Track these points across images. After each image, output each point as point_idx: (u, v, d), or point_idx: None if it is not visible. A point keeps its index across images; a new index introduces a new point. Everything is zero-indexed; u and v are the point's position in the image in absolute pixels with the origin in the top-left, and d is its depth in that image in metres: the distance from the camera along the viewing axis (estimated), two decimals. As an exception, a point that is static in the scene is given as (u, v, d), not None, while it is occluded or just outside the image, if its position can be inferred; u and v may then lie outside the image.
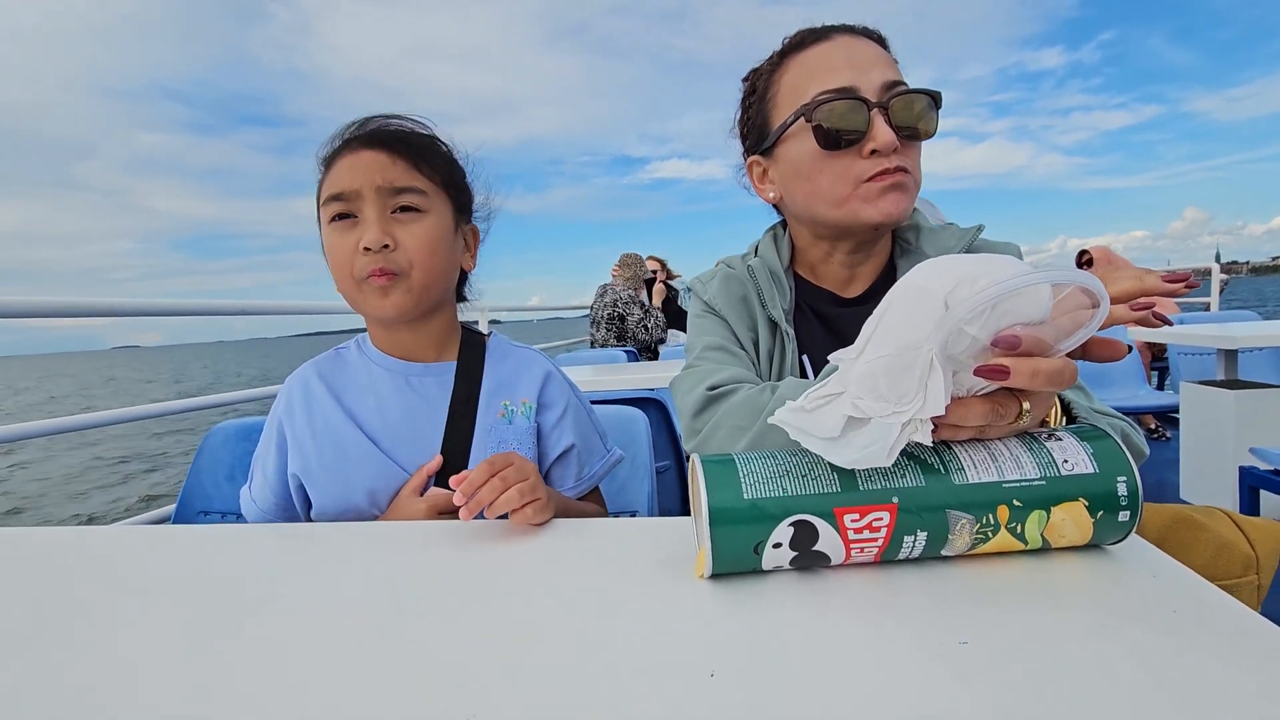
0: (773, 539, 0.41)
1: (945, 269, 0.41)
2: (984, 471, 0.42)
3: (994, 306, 0.38)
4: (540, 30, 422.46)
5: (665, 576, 0.44)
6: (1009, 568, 0.43)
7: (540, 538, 0.55)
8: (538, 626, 0.39)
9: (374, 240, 0.71)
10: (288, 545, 0.58)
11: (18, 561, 0.55)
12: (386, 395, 0.79)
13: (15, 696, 0.34)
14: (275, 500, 0.78)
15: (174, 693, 0.34)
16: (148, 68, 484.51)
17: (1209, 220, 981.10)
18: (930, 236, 0.75)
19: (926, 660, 0.33)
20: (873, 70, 0.67)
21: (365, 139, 0.76)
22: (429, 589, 0.45)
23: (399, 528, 0.60)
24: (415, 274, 0.74)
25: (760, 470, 0.43)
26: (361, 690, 0.33)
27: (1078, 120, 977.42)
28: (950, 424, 0.41)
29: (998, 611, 0.37)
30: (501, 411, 0.80)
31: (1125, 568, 0.42)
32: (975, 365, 0.39)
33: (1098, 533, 0.42)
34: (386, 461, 0.76)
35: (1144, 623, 0.35)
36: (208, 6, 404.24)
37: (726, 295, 0.80)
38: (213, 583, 0.48)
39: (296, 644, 0.38)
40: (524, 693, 0.32)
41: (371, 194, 0.72)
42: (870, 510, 0.41)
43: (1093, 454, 0.42)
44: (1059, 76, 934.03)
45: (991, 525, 0.41)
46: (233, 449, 1.07)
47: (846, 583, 0.42)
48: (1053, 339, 0.40)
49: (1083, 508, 0.41)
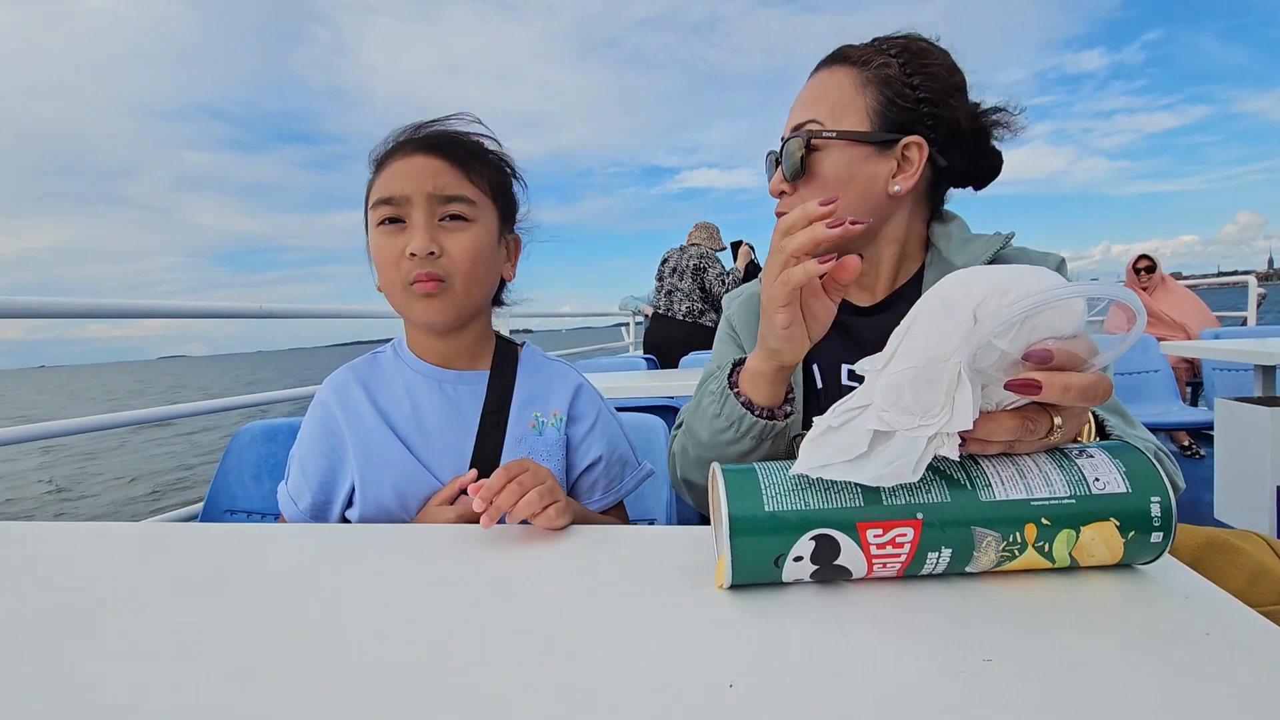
0: (794, 552, 0.41)
1: (974, 281, 0.40)
2: (1012, 488, 0.41)
3: (1025, 320, 0.38)
4: (572, 46, 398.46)
5: (684, 586, 0.44)
6: (1035, 585, 0.42)
7: (559, 545, 0.55)
8: (556, 634, 0.39)
9: (421, 247, 0.72)
10: (310, 545, 0.58)
11: (44, 556, 0.56)
12: (421, 400, 0.80)
13: (39, 690, 0.35)
14: (311, 499, 0.79)
15: (196, 688, 0.34)
16: (193, 89, 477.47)
17: (1264, 224, 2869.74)
18: (960, 247, 0.74)
19: (949, 678, 0.32)
20: (792, 116, 0.75)
21: (419, 143, 0.77)
22: (448, 593, 0.46)
23: (420, 530, 0.61)
24: (459, 282, 0.75)
25: (782, 482, 0.42)
26: (379, 692, 0.33)
27: (1121, 123, 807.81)
28: (978, 438, 0.40)
29: (1023, 629, 0.36)
30: (532, 423, 0.81)
31: (1157, 588, 0.41)
32: (1005, 379, 0.38)
33: (1129, 553, 0.41)
34: (418, 466, 0.76)
35: (1176, 645, 0.34)
36: (252, 29, 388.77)
37: (746, 313, 0.86)
38: (237, 580, 0.49)
39: (315, 643, 0.39)
40: (540, 700, 0.32)
41: (421, 200, 0.74)
42: (894, 526, 0.40)
43: (1125, 472, 0.41)
44: (1101, 79, 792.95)
45: (1018, 544, 0.40)
46: (259, 449, 1.09)
47: (868, 596, 0.41)
48: (1086, 353, 0.39)
49: (1113, 528, 0.40)
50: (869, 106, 0.71)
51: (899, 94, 0.71)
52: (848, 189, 0.72)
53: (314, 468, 0.79)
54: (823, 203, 0.54)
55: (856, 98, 0.71)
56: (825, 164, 0.72)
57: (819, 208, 0.54)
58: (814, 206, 0.54)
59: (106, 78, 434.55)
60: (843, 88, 0.72)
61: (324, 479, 0.79)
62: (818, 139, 0.72)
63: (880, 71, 0.71)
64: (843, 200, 0.69)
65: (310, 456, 0.80)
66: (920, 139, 0.71)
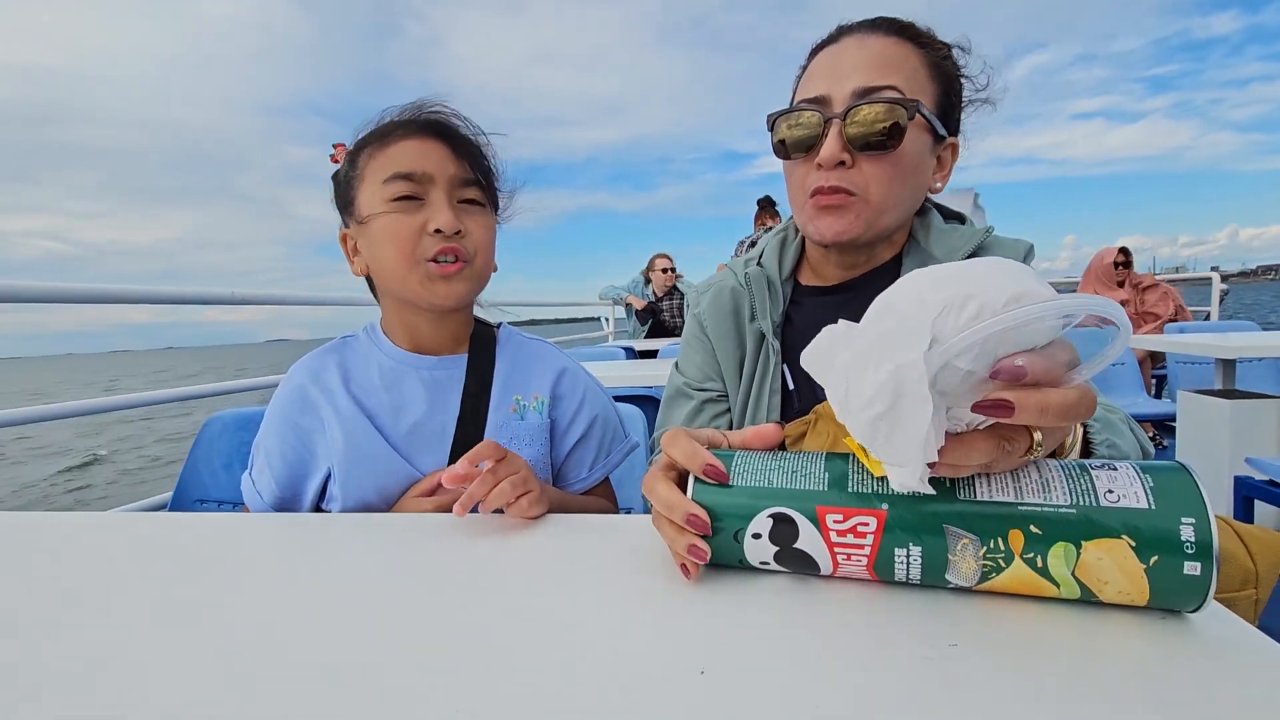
0: (751, 528, 0.41)
1: (930, 291, 0.34)
2: (998, 490, 0.37)
3: (989, 337, 0.33)
4: (654, 30, 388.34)
5: (658, 576, 0.45)
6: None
7: (534, 534, 0.55)
8: (528, 622, 0.39)
9: (448, 224, 0.72)
10: (281, 534, 0.58)
11: (12, 546, 0.55)
12: (399, 388, 0.79)
13: (6, 682, 0.34)
14: (278, 493, 0.77)
15: (166, 680, 0.34)
16: (300, 87, 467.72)
17: None
18: (940, 236, 0.72)
19: (915, 662, 0.33)
20: (852, 76, 0.64)
21: (429, 127, 0.76)
22: (419, 583, 0.45)
23: (393, 519, 0.60)
24: (479, 263, 0.76)
25: (753, 463, 0.43)
26: (349, 681, 0.33)
27: (1256, 92, 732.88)
28: (948, 464, 0.35)
29: (988, 615, 0.37)
30: (513, 407, 0.80)
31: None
32: (973, 400, 0.34)
33: (1156, 584, 0.35)
34: (395, 456, 0.75)
35: (1136, 629, 0.35)
36: (351, 27, 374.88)
37: (716, 309, 0.81)
38: (206, 570, 0.49)
39: (286, 633, 0.38)
40: (512, 688, 0.32)
41: (444, 180, 0.74)
42: (856, 514, 0.39)
43: (1152, 487, 0.35)
44: (1233, 44, 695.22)
45: (1001, 552, 0.36)
46: (230, 438, 1.07)
47: (839, 594, 0.42)
48: (1067, 363, 0.34)
49: (1127, 548, 0.34)
50: (936, 95, 0.66)
51: (954, 90, 0.69)
52: (915, 177, 0.66)
53: (280, 461, 0.77)
54: (690, 519, 0.42)
55: (929, 83, 0.66)
56: (913, 143, 0.64)
57: (693, 534, 0.42)
58: (688, 515, 0.42)
59: (225, 77, 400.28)
60: (914, 65, 0.65)
61: (293, 473, 0.77)
62: (918, 112, 0.63)
63: (943, 63, 0.67)
64: (905, 188, 0.66)
65: (277, 448, 0.77)
66: (957, 141, 0.71)
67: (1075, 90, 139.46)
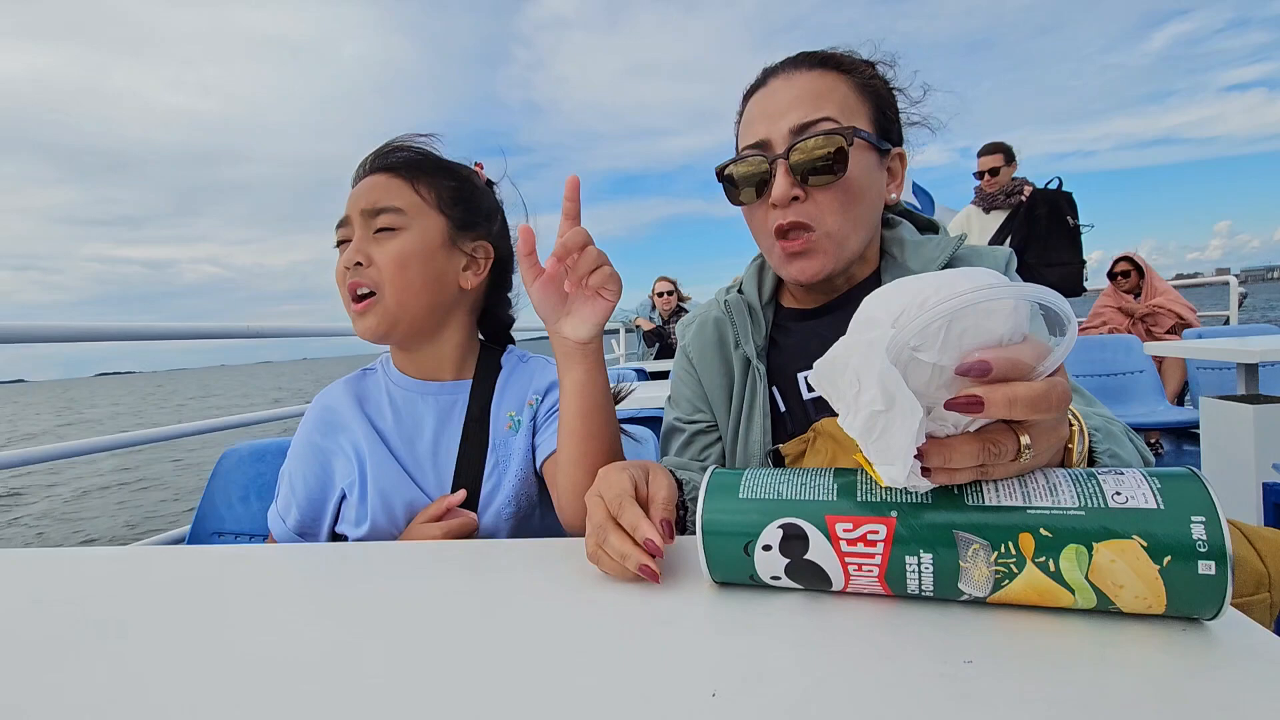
0: (762, 539, 0.41)
1: (894, 294, 0.37)
2: (1005, 495, 0.37)
3: (947, 328, 0.35)
4: (751, 34, 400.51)
5: (667, 595, 0.44)
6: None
7: (543, 554, 0.55)
8: (541, 644, 0.39)
9: (348, 258, 0.75)
10: (297, 565, 0.58)
11: (33, 581, 0.56)
12: (405, 414, 0.81)
13: (28, 715, 0.35)
14: (299, 516, 0.79)
15: (186, 714, 0.34)
16: (417, 115, 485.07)
17: None
18: (915, 249, 0.73)
19: (930, 680, 0.32)
20: (788, 115, 0.66)
21: (369, 164, 0.79)
22: (433, 608, 0.46)
23: (407, 549, 0.60)
24: (388, 291, 0.75)
25: (763, 478, 0.43)
26: (364, 706, 0.33)
27: None
28: (939, 468, 0.36)
29: (1003, 630, 0.37)
30: (509, 424, 0.81)
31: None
32: (946, 398, 0.35)
33: (1171, 585, 0.34)
34: (407, 481, 0.77)
35: (1153, 640, 0.35)
36: (465, 57, 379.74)
37: (701, 341, 0.83)
38: (224, 602, 0.49)
39: (304, 664, 0.38)
40: (523, 709, 0.32)
41: (357, 217, 0.76)
42: (865, 521, 0.39)
43: (1159, 489, 0.35)
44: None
45: (1013, 557, 0.36)
46: (246, 470, 1.08)
47: (852, 609, 0.41)
48: (1034, 358, 0.35)
49: (1139, 549, 0.34)
50: (870, 114, 0.69)
51: (887, 104, 0.71)
52: (866, 196, 0.68)
53: (302, 484, 0.79)
54: (642, 569, 0.45)
55: (860, 105, 0.69)
56: (858, 166, 0.66)
57: (645, 555, 0.45)
58: (646, 533, 0.45)
59: (351, 112, 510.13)
60: (843, 92, 0.68)
61: (312, 495, 0.79)
62: (856, 137, 0.65)
63: (871, 82, 0.70)
64: (860, 208, 0.68)
65: (300, 470, 0.80)
66: (903, 150, 0.73)
67: (1227, 60, 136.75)
